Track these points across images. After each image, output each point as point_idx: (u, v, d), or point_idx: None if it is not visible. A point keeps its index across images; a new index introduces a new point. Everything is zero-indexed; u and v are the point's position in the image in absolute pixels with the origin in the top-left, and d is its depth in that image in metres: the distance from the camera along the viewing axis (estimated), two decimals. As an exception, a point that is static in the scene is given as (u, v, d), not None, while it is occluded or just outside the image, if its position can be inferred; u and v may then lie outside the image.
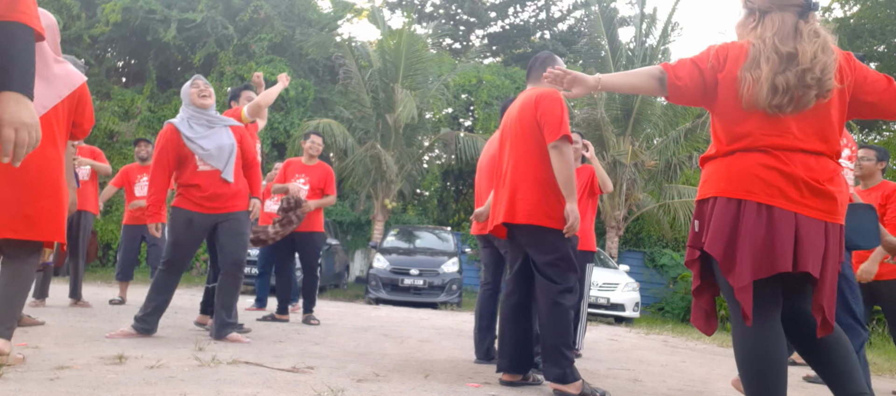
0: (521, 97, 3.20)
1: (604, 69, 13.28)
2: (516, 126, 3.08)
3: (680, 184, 13.89)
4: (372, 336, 4.79)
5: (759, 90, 1.89)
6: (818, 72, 1.88)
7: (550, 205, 2.93)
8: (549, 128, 2.93)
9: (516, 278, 3.15)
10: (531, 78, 3.26)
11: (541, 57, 3.26)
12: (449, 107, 16.63)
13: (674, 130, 13.32)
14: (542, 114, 2.96)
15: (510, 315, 3.10)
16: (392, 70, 13.04)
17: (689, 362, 4.89)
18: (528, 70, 3.30)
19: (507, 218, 3.01)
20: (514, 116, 3.13)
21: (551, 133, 2.91)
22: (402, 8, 22.15)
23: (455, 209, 17.77)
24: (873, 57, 17.65)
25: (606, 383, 3.37)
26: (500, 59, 22.46)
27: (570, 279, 2.94)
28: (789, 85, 1.88)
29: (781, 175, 1.87)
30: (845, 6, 17.79)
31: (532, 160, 2.99)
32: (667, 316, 13.42)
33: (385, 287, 10.06)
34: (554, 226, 2.92)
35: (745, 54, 1.96)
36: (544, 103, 2.98)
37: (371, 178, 12.97)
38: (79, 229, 5.42)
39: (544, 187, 2.95)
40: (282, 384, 2.58)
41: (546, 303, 2.91)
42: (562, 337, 2.85)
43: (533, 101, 3.03)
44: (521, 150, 3.03)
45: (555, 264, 2.93)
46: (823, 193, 1.88)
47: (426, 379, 3.00)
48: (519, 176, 3.00)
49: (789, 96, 1.88)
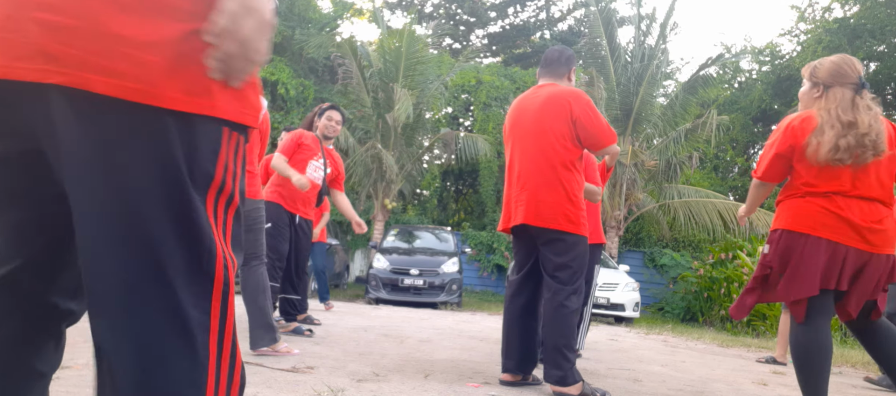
0: (542, 93, 3.07)
1: (603, 69, 13.28)
2: (538, 123, 2.99)
3: (680, 184, 13.90)
4: (372, 336, 4.79)
5: (824, 150, 2.40)
6: (874, 136, 2.40)
7: (574, 208, 2.91)
8: (596, 131, 2.93)
9: (525, 279, 3.10)
10: (550, 74, 3.16)
11: (565, 54, 3.18)
12: (448, 107, 16.63)
13: (674, 130, 13.32)
14: (585, 123, 2.93)
15: (518, 315, 3.06)
16: (392, 70, 13.04)
17: (689, 362, 4.89)
18: (547, 63, 3.18)
19: (529, 221, 2.95)
20: (534, 113, 3.03)
21: (603, 136, 2.95)
22: (402, 8, 22.14)
23: (455, 209, 17.77)
24: (873, 57, 17.65)
25: (606, 383, 3.37)
26: (499, 58, 22.46)
27: (578, 281, 2.92)
28: (850, 145, 2.39)
29: (837, 216, 2.41)
30: (845, 6, 17.77)
31: (556, 160, 2.93)
32: (667, 315, 13.42)
33: (385, 287, 10.06)
34: (574, 231, 2.91)
35: (812, 123, 2.48)
36: (582, 105, 2.94)
37: (371, 178, 12.97)
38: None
39: (567, 189, 2.91)
40: (282, 384, 2.57)
41: (553, 304, 2.88)
42: (564, 339, 2.83)
43: (566, 101, 2.96)
44: (544, 149, 2.96)
45: (567, 266, 2.90)
46: (871, 231, 2.40)
47: (426, 379, 3.00)
48: (543, 177, 2.94)
49: (849, 153, 2.39)
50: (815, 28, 18.41)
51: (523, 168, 3.02)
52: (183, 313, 0.80)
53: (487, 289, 14.49)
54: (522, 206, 2.98)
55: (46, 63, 0.76)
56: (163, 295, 0.79)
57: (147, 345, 0.79)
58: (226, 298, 0.85)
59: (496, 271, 14.64)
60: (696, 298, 12.80)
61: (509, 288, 3.17)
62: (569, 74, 3.19)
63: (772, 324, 9.48)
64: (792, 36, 20.07)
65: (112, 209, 0.78)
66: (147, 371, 0.79)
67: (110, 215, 0.78)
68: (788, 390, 3.76)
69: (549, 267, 2.95)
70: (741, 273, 10.79)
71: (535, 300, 3.08)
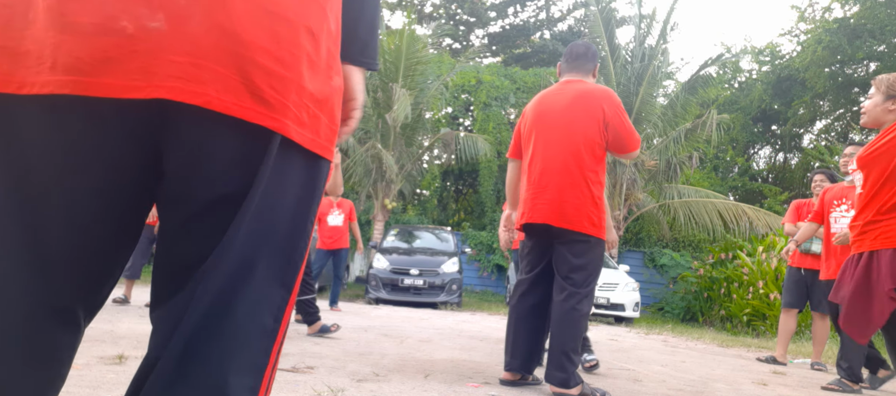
0: (570, 90, 3.00)
1: (603, 69, 13.28)
2: (566, 122, 2.93)
3: (680, 184, 13.90)
4: (372, 336, 4.79)
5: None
6: None
7: (597, 210, 2.88)
8: (626, 136, 2.90)
9: (537, 279, 3.05)
10: (577, 69, 3.09)
11: (591, 49, 3.11)
12: (448, 107, 16.63)
13: (674, 130, 13.32)
14: (616, 124, 2.89)
15: (527, 315, 3.03)
16: (392, 70, 13.05)
17: (689, 362, 4.89)
18: (573, 58, 3.10)
19: (553, 221, 2.88)
20: (561, 110, 2.96)
21: (631, 141, 2.92)
22: (402, 8, 22.14)
23: (455, 209, 17.77)
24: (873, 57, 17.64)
25: (606, 383, 3.37)
26: (499, 58, 22.46)
27: (591, 284, 2.89)
28: None
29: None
30: (845, 6, 17.77)
31: (583, 161, 2.88)
32: (667, 315, 13.42)
33: (385, 287, 10.06)
34: (596, 234, 2.88)
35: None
36: (614, 107, 2.91)
37: (371, 178, 12.97)
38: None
39: (592, 191, 2.88)
40: (282, 384, 2.57)
41: (565, 307, 2.83)
42: (573, 343, 2.80)
43: (598, 101, 2.91)
44: (571, 149, 2.89)
45: (583, 268, 2.87)
46: None
47: (426, 379, 3.00)
48: (569, 176, 2.88)
49: None
50: (815, 28, 18.41)
51: (547, 166, 2.94)
52: (271, 313, 0.93)
53: (487, 289, 14.49)
54: (545, 205, 2.91)
55: (258, 105, 0.85)
56: (268, 297, 0.91)
57: (242, 333, 0.88)
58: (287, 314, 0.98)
59: (496, 271, 14.64)
60: (696, 298, 12.81)
61: (519, 286, 3.11)
62: (594, 70, 3.13)
63: (772, 324, 9.48)
64: (792, 36, 20.08)
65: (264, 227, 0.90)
66: (229, 355, 0.88)
67: (260, 232, 0.90)
68: (789, 390, 3.76)
69: (564, 269, 2.90)
70: (741, 273, 10.79)
71: (545, 301, 3.03)
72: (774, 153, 22.61)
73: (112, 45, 0.80)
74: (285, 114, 0.88)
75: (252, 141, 0.88)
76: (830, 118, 20.99)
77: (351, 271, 14.97)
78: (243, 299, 0.89)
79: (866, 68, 18.56)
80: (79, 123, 0.83)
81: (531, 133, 3.07)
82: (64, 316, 0.92)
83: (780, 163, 22.30)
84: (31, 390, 0.90)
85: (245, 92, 0.85)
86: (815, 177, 5.33)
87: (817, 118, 21.03)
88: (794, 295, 5.30)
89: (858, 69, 18.68)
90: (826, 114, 20.74)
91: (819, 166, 16.68)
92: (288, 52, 0.87)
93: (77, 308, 0.93)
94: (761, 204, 16.57)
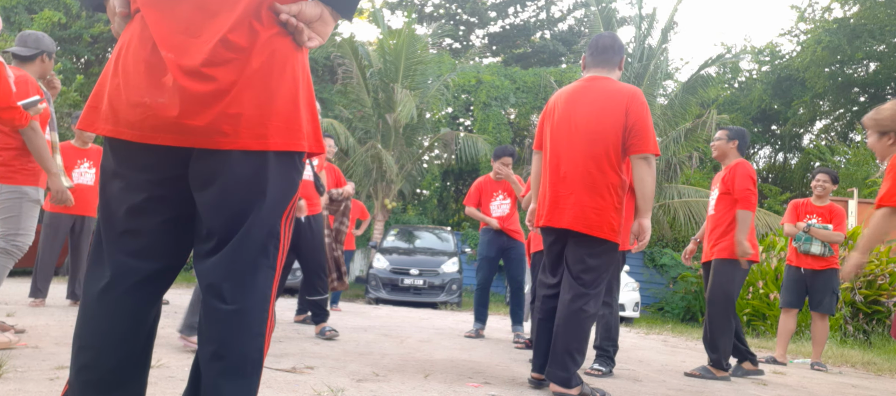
0: (597, 87, 2.93)
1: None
2: (592, 123, 2.86)
3: (680, 184, 13.90)
4: (372, 336, 4.79)
5: None
6: None
7: (618, 216, 2.85)
8: (642, 136, 2.81)
9: (559, 282, 3.01)
10: (604, 63, 2.99)
11: (618, 42, 3.02)
12: (449, 107, 16.63)
13: (674, 130, 13.32)
14: (636, 120, 2.81)
15: (550, 317, 2.98)
16: (392, 70, 13.05)
17: (689, 362, 4.89)
18: (599, 52, 3.00)
19: (576, 227, 2.84)
20: (587, 110, 2.89)
21: (644, 143, 2.81)
22: (402, 8, 22.14)
23: (455, 209, 17.77)
24: (873, 57, 17.64)
25: (606, 383, 3.37)
26: (500, 58, 22.46)
27: (600, 285, 2.88)
28: None
29: None
30: (845, 6, 17.77)
31: (607, 165, 2.83)
32: (667, 315, 13.42)
33: (385, 287, 10.06)
34: (614, 239, 2.85)
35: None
36: (638, 106, 2.83)
37: (371, 178, 12.98)
38: (81, 231, 5.38)
39: (614, 194, 2.84)
40: (282, 384, 2.58)
41: (572, 308, 2.82)
42: (577, 344, 2.79)
43: (623, 99, 2.84)
44: (596, 152, 2.84)
45: (595, 269, 2.85)
46: None
47: (426, 379, 3.01)
48: (591, 180, 2.84)
49: None
50: (815, 28, 18.42)
51: (570, 168, 2.89)
52: (271, 283, 1.31)
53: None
54: (568, 210, 2.87)
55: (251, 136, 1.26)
56: (268, 275, 1.30)
57: (256, 290, 1.27)
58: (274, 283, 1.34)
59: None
60: (696, 298, 12.80)
61: (541, 288, 3.08)
62: (621, 62, 3.04)
63: (772, 324, 9.48)
64: (792, 36, 20.08)
65: (264, 216, 1.27)
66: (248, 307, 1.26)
67: (260, 219, 1.27)
68: (788, 390, 3.76)
69: (576, 268, 2.87)
70: (741, 273, 10.77)
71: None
72: (774, 153, 22.63)
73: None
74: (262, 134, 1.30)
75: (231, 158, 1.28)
76: (830, 118, 21.00)
77: (351, 271, 14.96)
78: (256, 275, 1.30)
79: (866, 68, 18.57)
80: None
81: (553, 130, 3.01)
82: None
83: (779, 163, 22.31)
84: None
85: (241, 127, 1.29)
86: (816, 176, 5.33)
87: (817, 118, 21.05)
88: (793, 294, 5.30)
89: (858, 69, 18.69)
90: (826, 114, 20.75)
91: (819, 166, 16.67)
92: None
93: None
94: (761, 205, 16.57)
